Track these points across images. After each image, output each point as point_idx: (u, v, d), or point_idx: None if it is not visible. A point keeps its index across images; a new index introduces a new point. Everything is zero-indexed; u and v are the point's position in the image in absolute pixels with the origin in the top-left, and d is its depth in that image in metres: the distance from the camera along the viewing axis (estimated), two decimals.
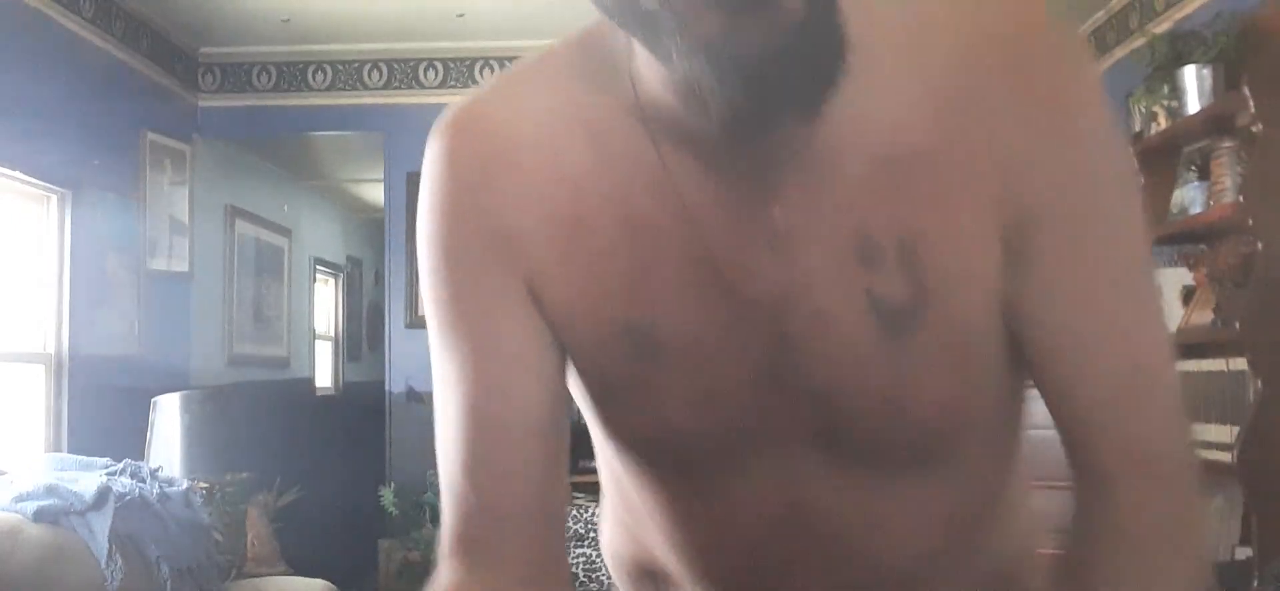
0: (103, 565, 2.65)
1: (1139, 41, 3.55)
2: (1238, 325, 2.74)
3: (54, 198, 3.67)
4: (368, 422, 5.02)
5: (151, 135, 4.28)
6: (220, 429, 3.88)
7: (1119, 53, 4.22)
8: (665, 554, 0.81)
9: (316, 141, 5.52)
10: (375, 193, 5.66)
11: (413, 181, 4.70)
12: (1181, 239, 3.25)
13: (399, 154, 4.71)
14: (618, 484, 0.88)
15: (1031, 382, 0.71)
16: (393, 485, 4.45)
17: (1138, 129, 3.57)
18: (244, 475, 3.86)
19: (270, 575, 3.67)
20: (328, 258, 6.92)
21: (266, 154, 5.69)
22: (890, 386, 0.67)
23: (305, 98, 4.76)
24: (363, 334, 7.68)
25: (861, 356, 0.66)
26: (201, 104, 4.77)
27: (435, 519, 4.28)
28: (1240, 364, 2.77)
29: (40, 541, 2.57)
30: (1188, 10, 3.66)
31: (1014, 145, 0.64)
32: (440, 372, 0.73)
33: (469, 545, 0.73)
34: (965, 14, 0.67)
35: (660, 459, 0.76)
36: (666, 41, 0.57)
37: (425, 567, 4.23)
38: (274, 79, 4.77)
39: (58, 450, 3.52)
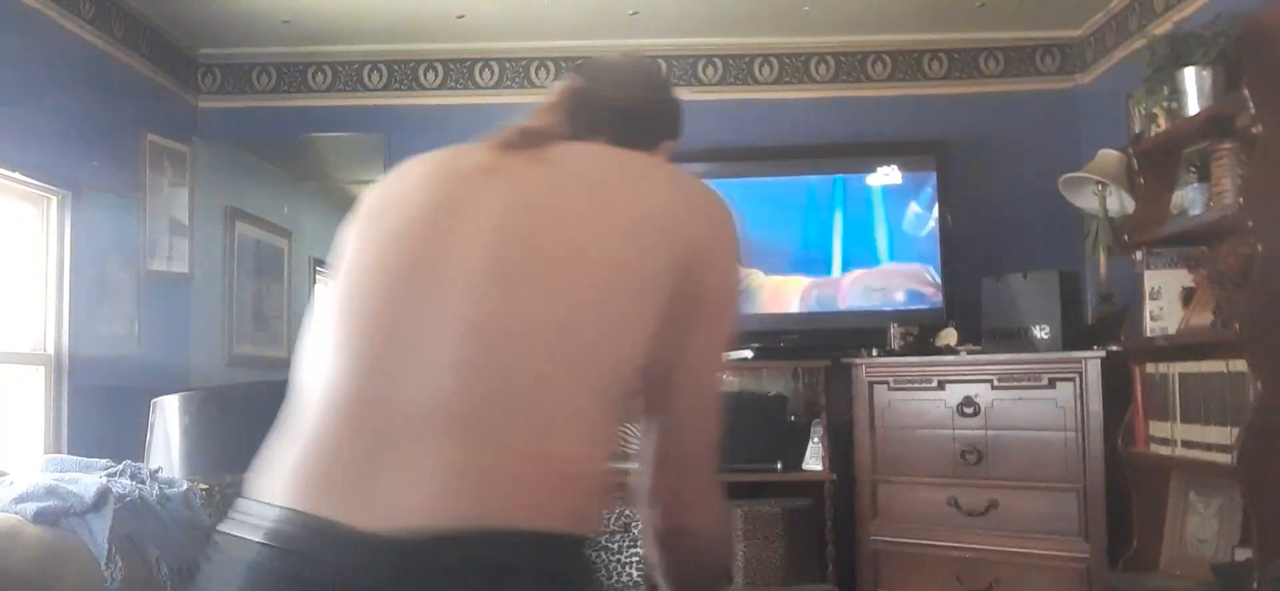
0: (102, 566, 2.65)
1: (1139, 42, 3.55)
2: (1238, 326, 2.74)
3: (54, 198, 3.67)
4: None
5: (151, 136, 4.27)
6: (220, 429, 3.87)
7: (1119, 54, 4.22)
8: None
9: (316, 142, 5.51)
10: None
11: None
12: (1181, 240, 3.25)
13: (399, 154, 4.66)
14: None
15: None
16: None
17: (1138, 130, 3.57)
18: (244, 476, 3.85)
19: None
20: (327, 258, 6.91)
21: (266, 154, 5.68)
22: None
23: (305, 98, 4.76)
24: None
25: None
26: (201, 105, 4.77)
27: None
28: (1240, 365, 2.77)
29: (40, 542, 2.56)
30: (1188, 11, 3.66)
31: None
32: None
33: None
34: None
35: None
36: None
37: None
38: (274, 79, 4.77)
39: (58, 451, 3.52)
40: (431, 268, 1.06)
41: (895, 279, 4.36)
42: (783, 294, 4.39)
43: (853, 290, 4.37)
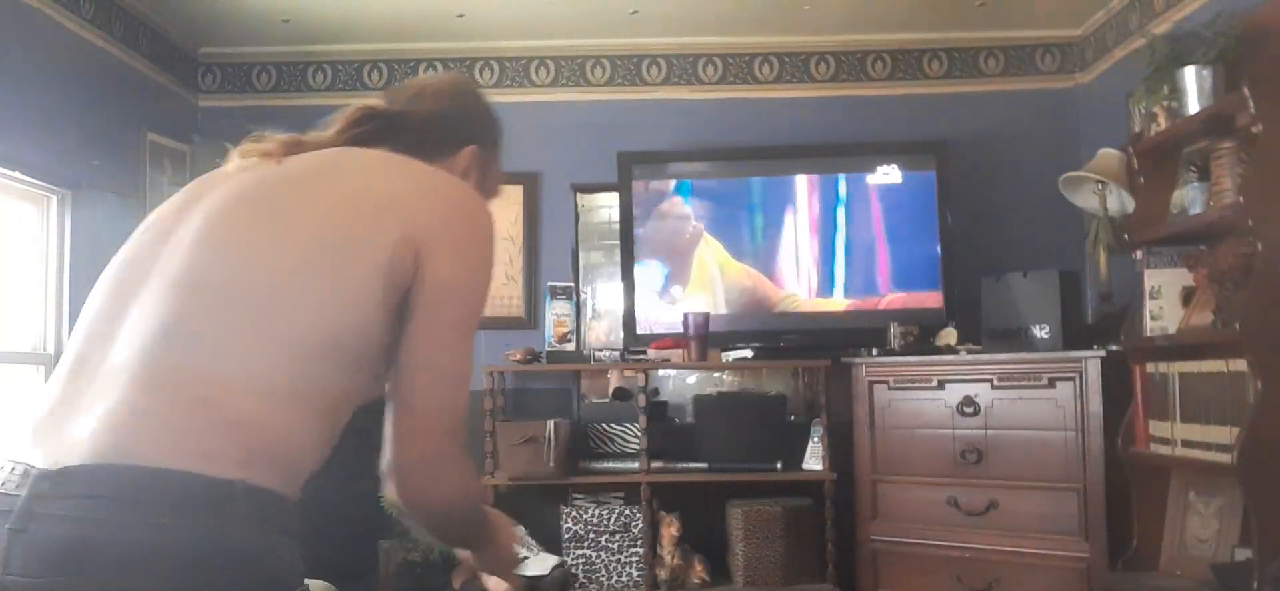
0: None
1: (1139, 41, 3.55)
2: (1238, 325, 2.74)
3: (54, 198, 3.67)
4: (368, 422, 5.02)
5: (151, 135, 4.27)
6: None
7: (1119, 53, 4.22)
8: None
9: None
10: None
11: None
12: (1181, 239, 3.25)
13: None
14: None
15: None
16: None
17: (1138, 129, 3.57)
18: None
19: None
20: None
21: None
22: None
23: (305, 98, 4.76)
24: None
25: None
26: (201, 104, 4.77)
27: None
28: (1240, 364, 2.77)
29: None
30: (1188, 10, 3.66)
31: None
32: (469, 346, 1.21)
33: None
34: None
35: None
36: None
37: (425, 567, 4.23)
38: (274, 79, 4.77)
39: None
40: (156, 248, 1.19)
41: (894, 278, 4.36)
42: (783, 293, 4.38)
43: (853, 290, 4.37)
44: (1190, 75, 3.09)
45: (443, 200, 1.24)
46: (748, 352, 4.28)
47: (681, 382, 4.53)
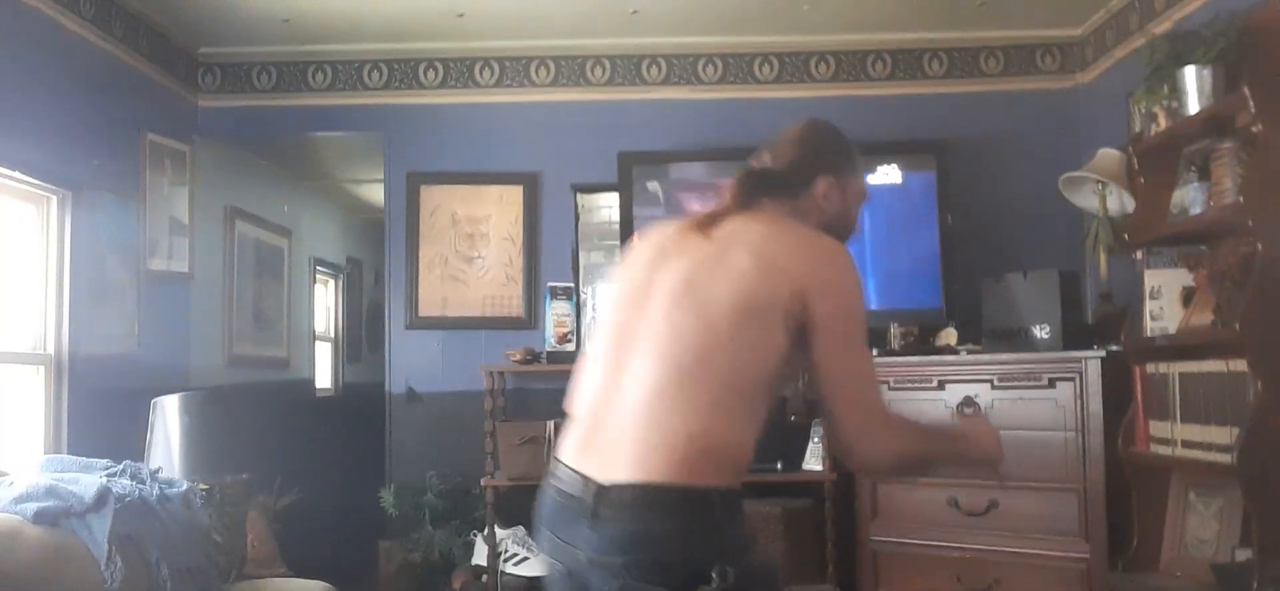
0: (102, 566, 2.64)
1: (1139, 41, 3.55)
2: (1238, 325, 2.74)
3: (54, 198, 3.67)
4: (368, 423, 5.03)
5: (151, 135, 4.27)
6: (220, 429, 3.88)
7: (1119, 53, 4.22)
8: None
9: (316, 141, 5.52)
10: (375, 193, 5.66)
11: (412, 181, 4.71)
12: (1181, 239, 3.25)
13: (399, 154, 4.70)
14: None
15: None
16: (392, 486, 4.45)
17: (1138, 129, 3.57)
18: (244, 476, 3.85)
19: (270, 576, 3.67)
20: (327, 258, 6.92)
21: (266, 154, 5.69)
22: None
23: (305, 98, 4.76)
24: (362, 334, 7.68)
25: None
26: (201, 104, 4.77)
27: (434, 519, 4.26)
28: (1240, 365, 2.77)
29: (40, 543, 2.56)
30: (1188, 10, 3.66)
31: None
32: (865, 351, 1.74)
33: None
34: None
35: None
36: None
37: (425, 568, 4.23)
38: (274, 79, 4.77)
39: (58, 451, 3.52)
40: (640, 311, 1.72)
41: (894, 278, 4.36)
42: None
43: None
44: (1190, 75, 3.09)
45: (816, 261, 1.69)
46: None
47: None
